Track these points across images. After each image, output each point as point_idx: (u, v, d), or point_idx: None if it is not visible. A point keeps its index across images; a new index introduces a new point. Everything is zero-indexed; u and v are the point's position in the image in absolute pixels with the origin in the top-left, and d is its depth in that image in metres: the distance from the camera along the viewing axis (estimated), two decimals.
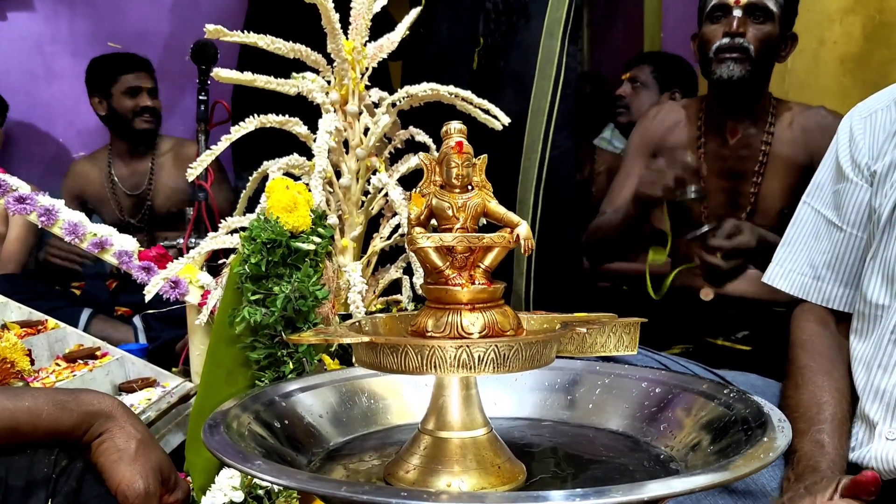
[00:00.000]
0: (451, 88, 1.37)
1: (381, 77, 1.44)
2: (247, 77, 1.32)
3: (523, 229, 0.69)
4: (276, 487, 1.01)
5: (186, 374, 1.53)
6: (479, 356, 0.62)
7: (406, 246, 0.72)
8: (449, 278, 0.68)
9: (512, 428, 0.82)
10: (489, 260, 0.69)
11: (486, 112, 1.37)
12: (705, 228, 1.63)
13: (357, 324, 0.74)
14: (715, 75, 1.70)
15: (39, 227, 1.40)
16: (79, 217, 1.42)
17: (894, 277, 1.06)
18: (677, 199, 1.75)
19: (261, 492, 1.01)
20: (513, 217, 0.70)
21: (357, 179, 1.38)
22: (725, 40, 1.69)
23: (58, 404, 0.79)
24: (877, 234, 1.10)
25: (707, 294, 1.76)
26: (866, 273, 1.11)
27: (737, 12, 1.68)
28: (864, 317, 1.12)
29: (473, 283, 0.68)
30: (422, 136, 1.44)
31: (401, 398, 0.84)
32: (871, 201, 1.14)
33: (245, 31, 1.28)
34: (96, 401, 0.82)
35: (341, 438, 0.79)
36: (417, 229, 0.69)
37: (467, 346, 0.62)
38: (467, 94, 1.37)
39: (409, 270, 1.45)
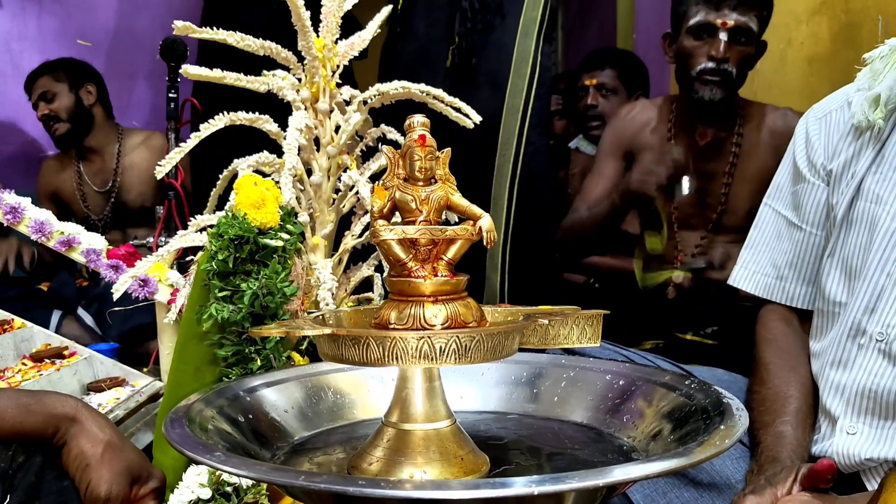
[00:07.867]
0: (423, 86, 1.37)
1: (346, 76, 1.44)
2: (216, 74, 1.31)
3: (486, 222, 0.69)
4: (244, 484, 1.00)
5: (157, 373, 1.51)
6: (440, 347, 0.63)
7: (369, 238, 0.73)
8: (412, 270, 0.69)
9: (478, 421, 0.83)
10: (452, 252, 0.70)
11: (458, 110, 1.38)
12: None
13: (321, 317, 0.74)
14: (697, 94, 1.70)
15: (5, 225, 1.38)
16: (45, 215, 1.41)
17: (851, 274, 1.08)
18: (670, 197, 1.74)
19: (229, 488, 1.01)
20: (476, 210, 0.70)
21: (328, 177, 1.38)
22: (710, 64, 1.68)
23: (21, 407, 0.79)
24: (833, 232, 1.12)
25: (678, 278, 1.78)
26: (824, 270, 1.13)
27: (722, 35, 1.66)
28: (823, 314, 1.13)
29: (436, 276, 0.68)
30: (393, 134, 1.44)
31: (366, 393, 0.84)
32: (828, 200, 1.16)
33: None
34: (59, 403, 0.82)
35: (306, 433, 0.79)
36: (380, 222, 0.70)
37: (429, 337, 0.63)
38: (439, 92, 1.37)
39: (380, 268, 1.45)
